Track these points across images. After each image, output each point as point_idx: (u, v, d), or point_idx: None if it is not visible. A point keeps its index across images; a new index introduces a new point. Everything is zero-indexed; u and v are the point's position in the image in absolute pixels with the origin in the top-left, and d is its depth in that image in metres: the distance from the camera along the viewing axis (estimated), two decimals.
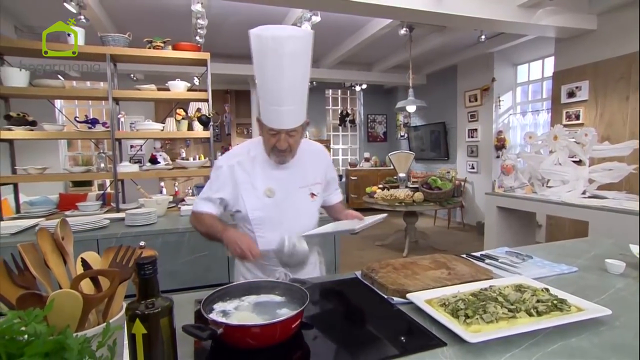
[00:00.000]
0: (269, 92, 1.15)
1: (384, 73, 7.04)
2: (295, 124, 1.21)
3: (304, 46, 1.12)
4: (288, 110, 1.17)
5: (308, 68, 1.18)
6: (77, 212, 2.90)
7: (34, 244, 0.59)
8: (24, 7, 3.90)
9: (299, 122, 1.22)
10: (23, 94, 3.02)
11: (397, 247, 4.86)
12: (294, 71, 1.12)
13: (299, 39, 1.10)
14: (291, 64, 1.11)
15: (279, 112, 1.17)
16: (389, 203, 4.37)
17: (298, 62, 1.12)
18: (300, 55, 1.12)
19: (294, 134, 1.23)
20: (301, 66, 1.14)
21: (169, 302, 0.53)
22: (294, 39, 1.09)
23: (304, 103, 1.22)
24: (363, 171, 8.13)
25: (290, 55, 1.09)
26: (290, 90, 1.14)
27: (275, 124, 1.19)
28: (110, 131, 3.12)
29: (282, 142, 1.22)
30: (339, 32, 5.08)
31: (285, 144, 1.22)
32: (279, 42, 1.08)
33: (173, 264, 2.14)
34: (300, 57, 1.12)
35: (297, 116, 1.20)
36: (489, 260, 1.38)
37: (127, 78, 5.68)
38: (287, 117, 1.18)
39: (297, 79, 1.15)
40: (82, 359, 0.42)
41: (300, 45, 1.11)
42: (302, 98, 1.20)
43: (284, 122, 1.19)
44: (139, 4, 3.91)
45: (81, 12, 3.23)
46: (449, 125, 6.73)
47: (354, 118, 8.63)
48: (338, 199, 1.53)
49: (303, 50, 1.12)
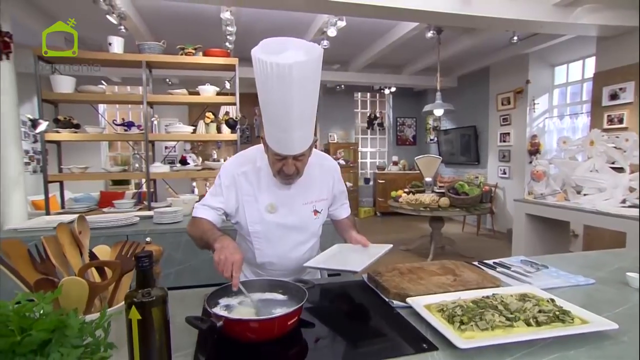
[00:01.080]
0: (276, 118, 1.06)
1: (414, 76, 6.95)
2: (304, 149, 1.13)
3: (313, 68, 1.01)
4: (297, 136, 1.08)
5: (317, 88, 1.07)
6: (113, 209, 3.11)
7: (55, 237, 0.67)
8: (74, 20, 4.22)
9: (307, 145, 1.14)
10: (69, 100, 3.28)
11: (422, 253, 4.78)
12: (303, 97, 1.02)
13: (306, 63, 0.98)
14: (300, 90, 1.00)
15: (287, 139, 1.08)
16: (414, 207, 4.31)
17: (307, 87, 1.02)
18: (309, 79, 1.01)
19: (301, 157, 1.15)
20: (310, 90, 1.04)
21: (163, 293, 0.59)
22: (301, 64, 0.96)
23: (312, 125, 1.14)
24: (391, 175, 8.05)
25: (298, 81, 0.98)
26: (300, 116, 1.05)
27: (283, 150, 1.11)
28: (144, 133, 3.32)
29: (289, 167, 1.14)
30: (366, 35, 5.10)
31: (293, 169, 1.15)
32: (284, 69, 0.95)
33: (196, 260, 2.25)
34: (310, 81, 1.02)
35: (305, 140, 1.12)
36: (501, 268, 1.36)
37: (163, 83, 5.98)
38: (295, 143, 1.09)
39: (307, 104, 1.05)
40: (82, 336, 0.48)
41: (310, 69, 1.00)
42: (310, 121, 1.11)
43: (293, 148, 1.10)
44: (174, 12, 4.12)
45: (121, 23, 3.45)
46: (480, 129, 6.54)
47: (382, 121, 8.58)
48: (345, 214, 1.45)
49: (312, 73, 1.01)
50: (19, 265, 0.60)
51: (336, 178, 1.39)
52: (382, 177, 8.01)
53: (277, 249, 1.31)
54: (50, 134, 3.16)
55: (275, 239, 1.29)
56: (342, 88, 7.63)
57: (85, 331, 0.48)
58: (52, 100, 3.24)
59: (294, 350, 0.87)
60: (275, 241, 1.30)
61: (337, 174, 1.40)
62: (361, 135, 8.76)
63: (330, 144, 7.80)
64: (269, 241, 1.30)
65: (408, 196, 4.54)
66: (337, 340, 0.90)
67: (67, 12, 4.04)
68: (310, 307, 1.08)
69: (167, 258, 2.26)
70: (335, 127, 8.23)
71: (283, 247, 1.31)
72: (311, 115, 1.10)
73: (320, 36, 4.25)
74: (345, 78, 6.90)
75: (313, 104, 1.09)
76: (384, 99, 8.80)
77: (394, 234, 6.20)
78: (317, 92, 1.09)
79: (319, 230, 1.38)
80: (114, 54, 3.20)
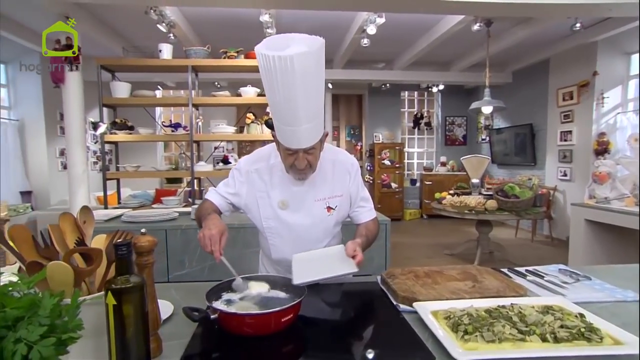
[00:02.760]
0: (282, 112, 1.08)
1: (463, 72, 6.61)
2: (313, 142, 1.12)
3: (315, 59, 1.01)
4: (304, 129, 1.08)
5: (321, 81, 1.08)
6: (161, 206, 3.32)
7: (58, 226, 0.73)
8: (131, 31, 4.60)
9: (317, 138, 1.13)
10: (125, 104, 3.57)
11: (468, 258, 4.52)
12: (306, 89, 1.03)
13: (307, 54, 0.98)
14: (303, 82, 1.01)
15: (295, 132, 1.09)
16: (458, 210, 4.09)
17: (310, 79, 1.02)
18: (312, 71, 1.02)
19: (312, 151, 1.15)
20: (314, 82, 1.04)
21: (140, 280, 0.61)
22: (302, 55, 0.97)
23: (321, 118, 1.13)
24: (438, 176, 7.72)
25: (301, 73, 0.99)
26: (305, 109, 1.06)
27: (292, 144, 1.12)
28: (189, 134, 3.51)
29: (300, 161, 1.14)
30: (410, 32, 4.94)
31: (304, 162, 1.15)
32: (286, 62, 0.97)
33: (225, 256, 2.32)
34: (312, 72, 1.02)
35: (314, 133, 1.12)
36: (532, 277, 1.23)
37: (212, 86, 6.28)
38: (303, 136, 1.10)
39: (311, 95, 1.05)
40: (53, 316, 0.51)
41: (312, 60, 1.00)
42: (317, 114, 1.11)
43: (301, 141, 1.11)
44: (219, 18, 4.30)
45: (171, 31, 3.69)
46: (538, 127, 6.03)
47: (429, 120, 8.25)
48: (363, 218, 1.36)
49: (314, 64, 1.02)
50: (23, 249, 0.65)
51: (352, 175, 1.33)
52: (429, 179, 7.71)
53: (291, 245, 1.30)
54: (108, 135, 3.46)
55: (288, 236, 1.29)
56: (388, 87, 7.48)
57: (56, 312, 0.51)
58: (111, 105, 3.54)
59: (287, 348, 0.86)
60: (289, 238, 1.30)
61: (353, 170, 1.33)
62: (408, 135, 8.51)
63: (375, 144, 7.68)
64: (283, 237, 1.31)
65: (452, 198, 4.31)
66: (333, 341, 0.88)
67: (126, 24, 4.42)
68: (315, 306, 1.07)
69: (202, 253, 2.38)
70: (380, 127, 8.09)
71: (297, 244, 1.30)
72: (318, 108, 1.10)
73: (360, 34, 4.20)
74: (391, 77, 6.75)
75: (318, 97, 1.09)
76: (432, 97, 8.48)
77: (439, 237, 5.94)
78: (321, 84, 1.09)
79: (334, 228, 1.34)
80: (163, 60, 3.42)
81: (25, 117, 4.99)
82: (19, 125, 4.95)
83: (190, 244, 2.38)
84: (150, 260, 0.76)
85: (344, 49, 5.26)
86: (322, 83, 1.09)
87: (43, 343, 0.47)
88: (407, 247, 5.32)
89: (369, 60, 6.49)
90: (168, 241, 2.35)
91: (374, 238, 1.32)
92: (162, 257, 2.35)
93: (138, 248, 0.74)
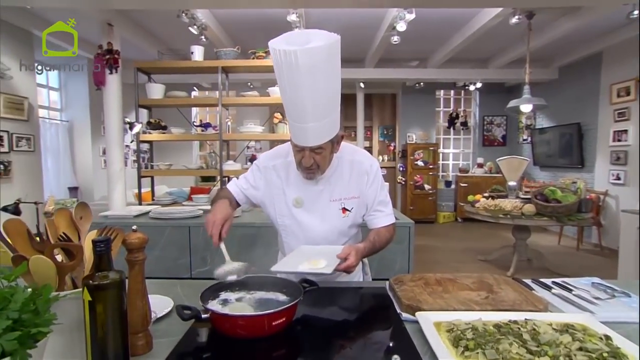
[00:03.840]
0: (290, 108, 1.07)
1: (502, 69, 6.27)
2: (320, 142, 1.09)
3: (325, 56, 0.97)
4: (311, 127, 1.05)
5: (334, 79, 1.04)
6: (192, 203, 3.43)
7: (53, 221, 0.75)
8: (166, 34, 4.80)
9: (325, 139, 1.10)
10: (159, 104, 3.73)
11: (503, 265, 4.27)
12: (314, 86, 0.99)
13: (313, 50, 0.95)
14: (308, 78, 0.98)
15: (301, 129, 1.07)
16: (492, 214, 3.87)
17: (319, 76, 0.98)
18: (321, 68, 0.97)
19: (320, 151, 1.12)
20: (322, 80, 1.00)
21: (118, 277, 0.61)
22: (307, 51, 0.94)
23: (332, 118, 1.08)
24: (475, 178, 7.38)
25: (306, 69, 0.96)
26: (313, 106, 1.02)
27: (298, 141, 1.11)
28: (218, 133, 3.60)
29: (306, 159, 1.13)
30: (443, 28, 4.75)
31: (310, 161, 1.13)
32: (290, 56, 0.95)
33: (250, 255, 2.35)
34: (322, 69, 0.98)
35: (321, 133, 1.08)
36: (558, 289, 1.12)
37: (245, 86, 6.41)
38: (310, 134, 1.07)
39: (320, 94, 1.02)
40: (23, 309, 0.52)
41: (320, 56, 0.96)
42: (328, 113, 1.07)
43: (307, 139, 1.09)
44: (248, 18, 4.36)
45: (202, 33, 3.80)
46: (586, 127, 5.58)
47: (466, 120, 7.90)
48: (378, 223, 1.28)
49: (323, 61, 0.97)
50: (17, 243, 0.68)
51: (371, 176, 1.26)
52: (464, 180, 7.39)
53: (304, 243, 1.28)
54: (143, 135, 3.63)
55: (302, 234, 1.28)
56: (422, 86, 7.26)
57: (28, 306, 0.52)
58: (146, 106, 3.71)
59: (279, 352, 0.83)
60: (302, 236, 1.28)
61: (372, 172, 1.27)
62: (443, 135, 8.22)
63: (408, 145, 7.48)
64: (296, 236, 1.29)
65: (487, 201, 4.09)
66: (325, 348, 0.84)
67: (162, 28, 4.61)
68: (319, 309, 1.04)
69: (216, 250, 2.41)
70: (414, 127, 7.87)
71: (310, 243, 1.27)
72: (328, 107, 1.06)
73: (390, 32, 4.10)
74: (425, 75, 6.54)
75: (329, 96, 1.05)
76: (469, 96, 8.12)
77: (474, 241, 5.67)
78: (333, 83, 1.05)
79: (349, 230, 1.29)
80: (195, 61, 3.53)
81: (73, 118, 5.38)
82: (68, 126, 5.34)
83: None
84: (140, 257, 0.76)
85: (375, 48, 5.17)
86: (334, 82, 1.05)
87: (6, 337, 0.47)
88: (439, 251, 5.13)
89: (401, 59, 6.34)
90: (191, 238, 2.41)
91: (382, 246, 1.26)
92: (185, 253, 2.41)
93: (128, 245, 0.75)
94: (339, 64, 1.04)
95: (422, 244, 5.49)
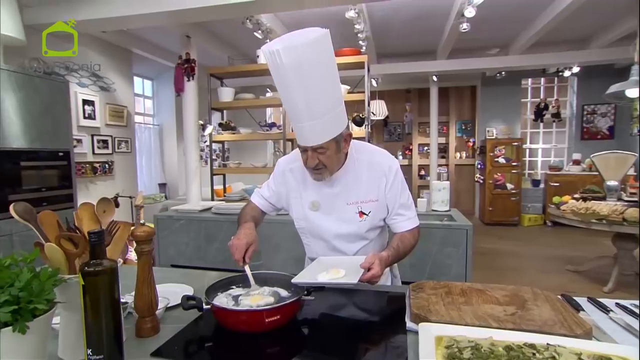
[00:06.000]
0: (287, 108, 1.07)
1: (608, 49, 5.34)
2: (319, 141, 1.06)
3: (311, 54, 0.95)
4: (308, 126, 1.04)
5: (327, 77, 1.01)
6: None
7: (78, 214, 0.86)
8: (235, 40, 5.12)
9: (325, 138, 1.07)
10: (228, 107, 4.02)
11: (598, 278, 3.67)
12: (302, 84, 0.98)
13: (297, 48, 0.93)
14: (296, 77, 0.97)
15: (299, 129, 1.07)
16: (582, 218, 3.34)
17: (305, 74, 0.96)
18: (306, 65, 0.95)
19: (322, 150, 1.09)
20: (312, 77, 0.98)
21: (110, 265, 0.68)
22: (290, 49, 0.93)
23: (331, 116, 1.05)
24: (569, 176, 6.45)
25: (291, 67, 0.95)
26: (305, 105, 1.01)
27: (300, 141, 1.10)
28: (282, 132, 3.76)
29: (310, 159, 1.10)
30: (524, 9, 4.23)
31: (314, 161, 1.10)
32: (275, 56, 0.95)
33: (290, 251, 2.41)
34: (308, 67, 0.96)
35: (320, 132, 1.06)
36: (619, 313, 0.92)
37: None
38: (307, 133, 1.06)
39: (310, 92, 1.00)
40: (25, 288, 0.61)
41: (304, 54, 0.94)
42: (325, 112, 1.03)
43: (307, 139, 1.07)
44: (311, 18, 4.41)
45: (268, 37, 3.99)
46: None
47: (558, 111, 6.93)
48: (402, 227, 1.23)
49: (310, 59, 0.95)
50: (49, 233, 0.80)
51: (390, 179, 1.20)
52: (555, 179, 6.52)
53: (322, 246, 1.29)
54: (216, 135, 3.95)
55: (319, 237, 1.27)
56: (504, 75, 6.58)
57: (30, 285, 0.61)
58: (218, 108, 4.03)
59: (274, 349, 0.84)
60: (319, 239, 1.28)
61: (391, 174, 1.21)
62: (530, 129, 7.36)
63: (487, 140, 6.87)
64: (314, 238, 1.29)
65: (576, 203, 3.55)
66: (320, 349, 0.82)
67: (233, 35, 4.93)
68: (331, 308, 1.04)
69: (269, 245, 2.51)
70: (495, 121, 7.18)
71: (327, 246, 1.27)
72: (324, 105, 1.03)
73: (459, 19, 3.80)
74: (507, 63, 5.92)
75: (324, 93, 1.03)
76: (565, 83, 7.12)
77: (563, 248, 4.97)
78: (326, 79, 1.02)
79: (367, 233, 1.24)
80: (260, 64, 3.73)
81: (163, 122, 6.11)
82: (158, 130, 6.09)
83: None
84: (146, 249, 0.83)
85: (445, 38, 4.84)
86: (328, 79, 1.02)
87: (4, 309, 0.56)
88: (519, 257, 4.62)
89: (479, 47, 5.83)
90: None
91: (406, 252, 1.19)
92: None
93: (135, 237, 0.83)
94: (332, 59, 1.03)
95: (500, 248, 5.01)
